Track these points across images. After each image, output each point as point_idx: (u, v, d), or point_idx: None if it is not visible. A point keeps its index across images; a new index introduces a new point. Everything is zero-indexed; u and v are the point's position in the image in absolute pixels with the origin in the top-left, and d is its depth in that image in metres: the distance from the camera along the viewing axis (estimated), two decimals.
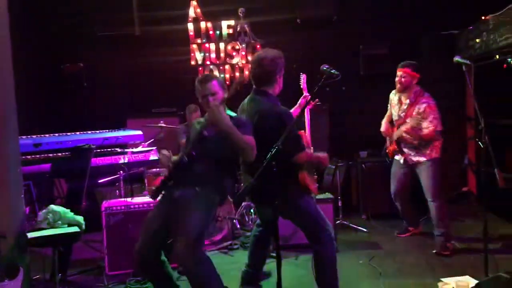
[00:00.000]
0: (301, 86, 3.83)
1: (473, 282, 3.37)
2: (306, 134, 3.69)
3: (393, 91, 4.63)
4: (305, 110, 3.70)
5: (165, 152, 3.20)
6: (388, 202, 5.13)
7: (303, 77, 3.84)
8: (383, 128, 4.77)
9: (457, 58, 3.56)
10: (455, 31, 6.04)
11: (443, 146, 4.43)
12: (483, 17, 5.24)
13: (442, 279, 3.62)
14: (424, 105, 4.31)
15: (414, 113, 4.34)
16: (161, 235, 3.08)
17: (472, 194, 6.03)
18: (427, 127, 4.26)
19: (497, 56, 5.03)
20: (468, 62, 3.55)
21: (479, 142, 3.33)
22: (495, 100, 5.12)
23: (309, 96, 3.58)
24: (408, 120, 4.38)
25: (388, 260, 4.29)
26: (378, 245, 4.76)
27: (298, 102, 3.73)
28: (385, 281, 3.82)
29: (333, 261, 3.26)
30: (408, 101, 4.44)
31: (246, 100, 3.36)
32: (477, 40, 5.42)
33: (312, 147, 3.64)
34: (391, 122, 4.72)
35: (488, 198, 3.83)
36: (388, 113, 4.78)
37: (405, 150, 4.51)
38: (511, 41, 4.65)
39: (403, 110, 4.47)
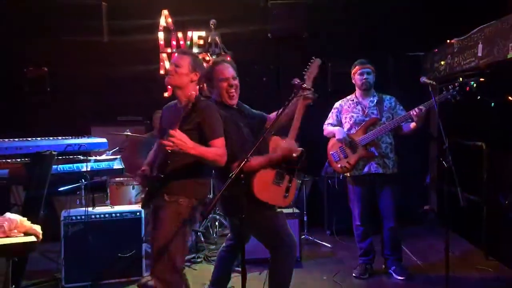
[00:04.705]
0: (306, 75, 3.33)
1: None
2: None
3: (340, 101, 4.38)
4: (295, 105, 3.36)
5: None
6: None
7: (315, 62, 3.44)
8: (341, 134, 4.21)
9: (423, 79, 3.67)
10: (421, 53, 6.22)
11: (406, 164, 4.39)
12: (448, 41, 5.41)
13: None
14: (392, 98, 4.22)
15: (386, 109, 4.19)
16: None
17: (434, 213, 6.14)
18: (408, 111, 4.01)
19: (461, 79, 5.18)
20: (433, 82, 3.66)
21: (443, 162, 3.39)
22: (458, 122, 5.26)
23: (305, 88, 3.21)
24: (384, 118, 4.15)
25: (351, 276, 4.31)
26: (342, 261, 4.78)
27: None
28: None
29: (287, 278, 3.19)
30: (374, 98, 4.24)
31: None
32: (442, 63, 5.59)
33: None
34: None
35: (450, 217, 3.89)
36: (330, 122, 4.43)
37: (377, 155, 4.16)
38: (474, 64, 4.81)
39: (371, 108, 4.22)
